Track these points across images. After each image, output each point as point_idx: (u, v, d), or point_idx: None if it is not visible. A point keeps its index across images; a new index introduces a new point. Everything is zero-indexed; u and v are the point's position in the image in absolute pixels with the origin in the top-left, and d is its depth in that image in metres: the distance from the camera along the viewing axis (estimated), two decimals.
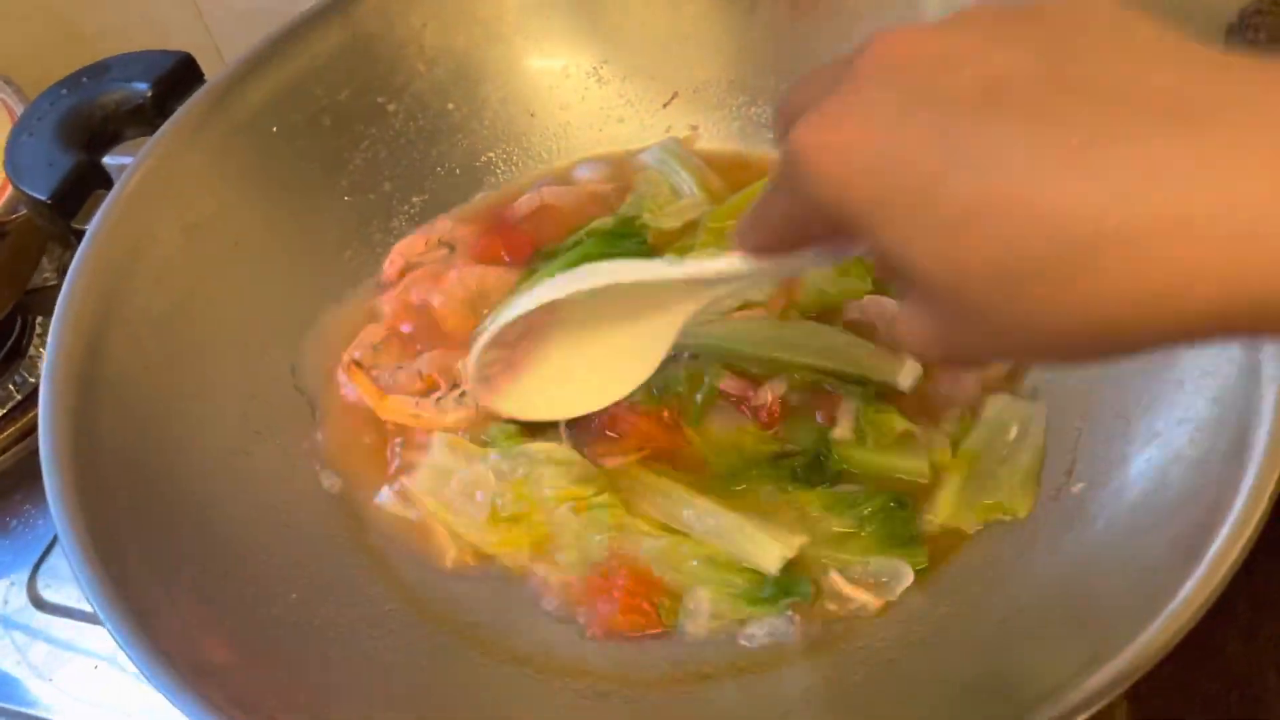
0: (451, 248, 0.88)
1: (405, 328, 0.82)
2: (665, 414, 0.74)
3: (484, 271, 0.85)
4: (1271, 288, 0.29)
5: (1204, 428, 0.61)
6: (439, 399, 0.79)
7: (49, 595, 0.85)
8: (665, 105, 0.95)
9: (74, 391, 0.67)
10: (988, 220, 0.33)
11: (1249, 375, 0.58)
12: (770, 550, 0.66)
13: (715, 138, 0.94)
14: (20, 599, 0.85)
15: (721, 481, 0.71)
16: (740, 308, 0.77)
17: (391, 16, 0.88)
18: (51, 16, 1.22)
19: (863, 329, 0.77)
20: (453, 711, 0.65)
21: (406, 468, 0.76)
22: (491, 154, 0.93)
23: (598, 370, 0.69)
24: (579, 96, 0.94)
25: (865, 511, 0.68)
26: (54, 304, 1.04)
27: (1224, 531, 0.54)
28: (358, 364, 0.81)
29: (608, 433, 0.74)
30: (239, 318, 0.79)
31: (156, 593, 0.59)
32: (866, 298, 0.77)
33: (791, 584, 0.66)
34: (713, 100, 0.94)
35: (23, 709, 0.79)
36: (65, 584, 0.85)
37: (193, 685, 0.53)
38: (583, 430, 0.74)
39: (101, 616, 0.55)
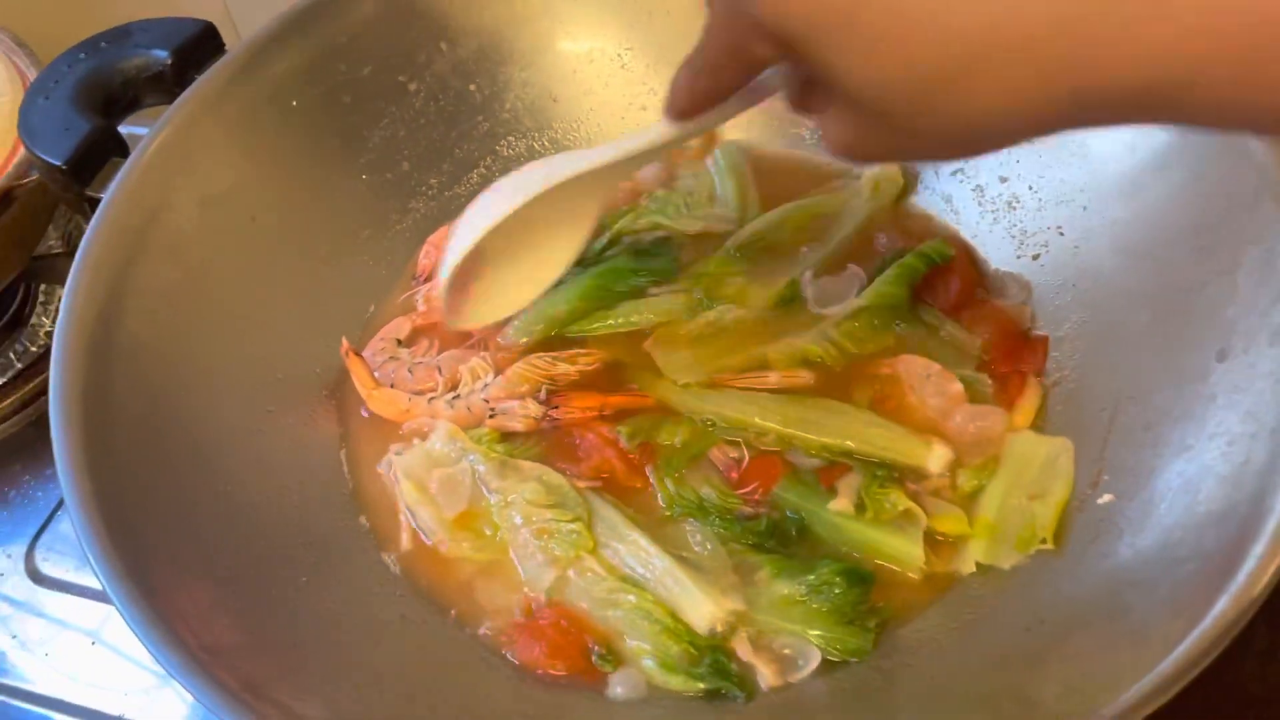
0: None
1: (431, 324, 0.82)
2: (634, 454, 0.73)
3: None
4: (1107, 77, 0.38)
5: (1236, 443, 0.60)
6: (431, 399, 0.78)
7: (47, 569, 0.83)
8: None
9: (85, 360, 0.66)
10: (901, 38, 0.40)
11: None
12: (703, 608, 0.65)
13: (734, 128, 0.92)
14: (17, 572, 0.83)
15: (669, 526, 0.70)
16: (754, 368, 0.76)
17: None
18: None
19: (891, 389, 0.75)
20: (458, 699, 0.64)
21: (405, 442, 0.76)
22: (512, 138, 0.92)
23: (534, 263, 0.72)
24: (603, 82, 0.93)
25: (813, 580, 0.66)
26: (59, 272, 1.04)
27: (1258, 550, 0.53)
28: (355, 353, 0.80)
29: (578, 452, 0.74)
30: (253, 295, 0.78)
31: (167, 570, 0.58)
32: (901, 357, 0.75)
33: (725, 668, 0.64)
34: None
35: (17, 684, 0.78)
36: (63, 558, 0.84)
37: (203, 666, 0.52)
38: (551, 443, 0.75)
39: (110, 594, 0.54)
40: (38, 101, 0.77)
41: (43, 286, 1.03)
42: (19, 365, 0.97)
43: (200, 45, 0.81)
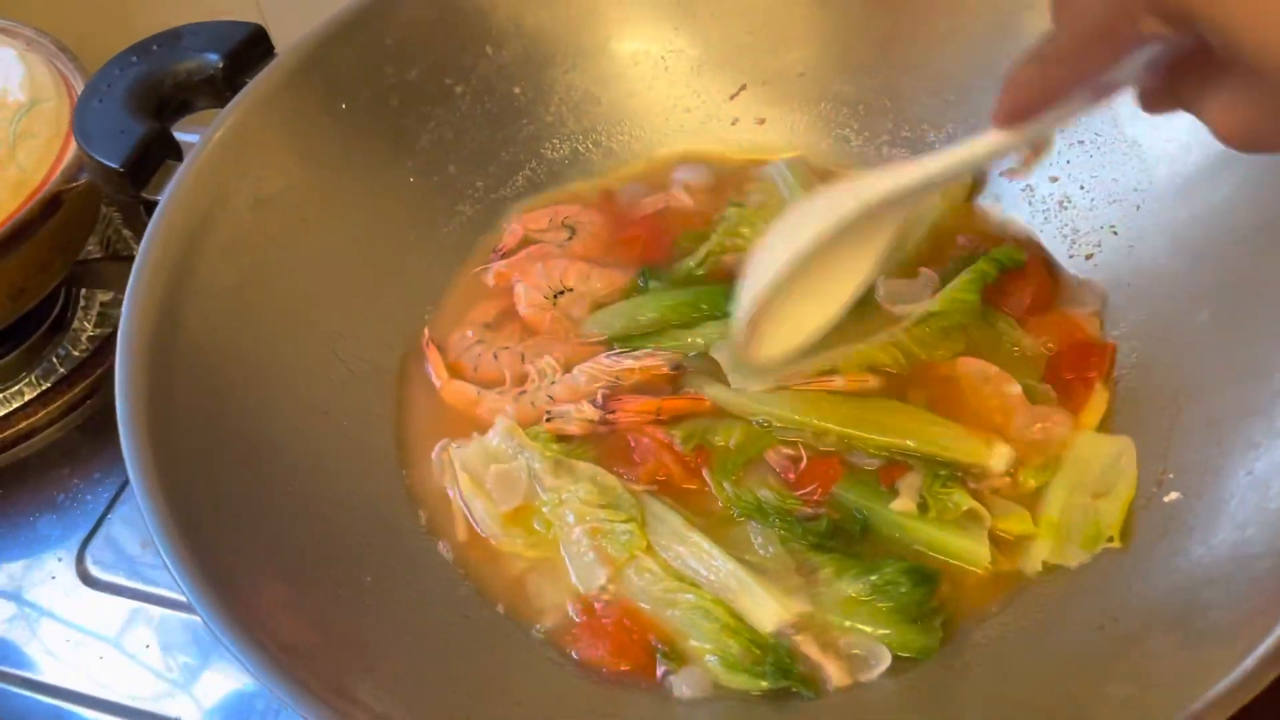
0: (573, 231, 0.88)
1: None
2: (689, 456, 0.73)
3: (567, 266, 0.84)
4: None
5: None
6: (500, 392, 0.79)
7: (97, 572, 0.83)
8: (732, 97, 0.94)
9: (147, 362, 0.65)
10: None
11: None
12: (769, 610, 0.65)
13: (782, 132, 0.93)
14: (69, 576, 0.83)
15: (729, 528, 0.70)
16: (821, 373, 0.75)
17: None
18: None
19: (949, 390, 0.75)
20: (527, 696, 0.64)
21: (461, 436, 0.76)
22: (556, 140, 0.92)
23: (823, 290, 0.66)
24: (646, 85, 0.93)
25: (877, 579, 0.66)
26: (100, 277, 1.04)
27: None
28: (432, 344, 0.82)
29: (633, 455, 0.74)
30: (306, 296, 0.78)
31: (240, 572, 0.58)
32: (959, 360, 0.75)
33: (789, 666, 0.64)
34: (780, 94, 0.93)
35: (73, 688, 0.78)
36: (114, 561, 0.84)
37: (285, 667, 0.52)
38: (607, 445, 0.75)
39: (191, 598, 0.54)
40: (92, 104, 0.77)
41: (83, 291, 1.03)
42: (62, 370, 0.98)
43: (250, 49, 0.81)
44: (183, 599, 0.78)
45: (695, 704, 0.64)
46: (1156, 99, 0.49)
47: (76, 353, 0.99)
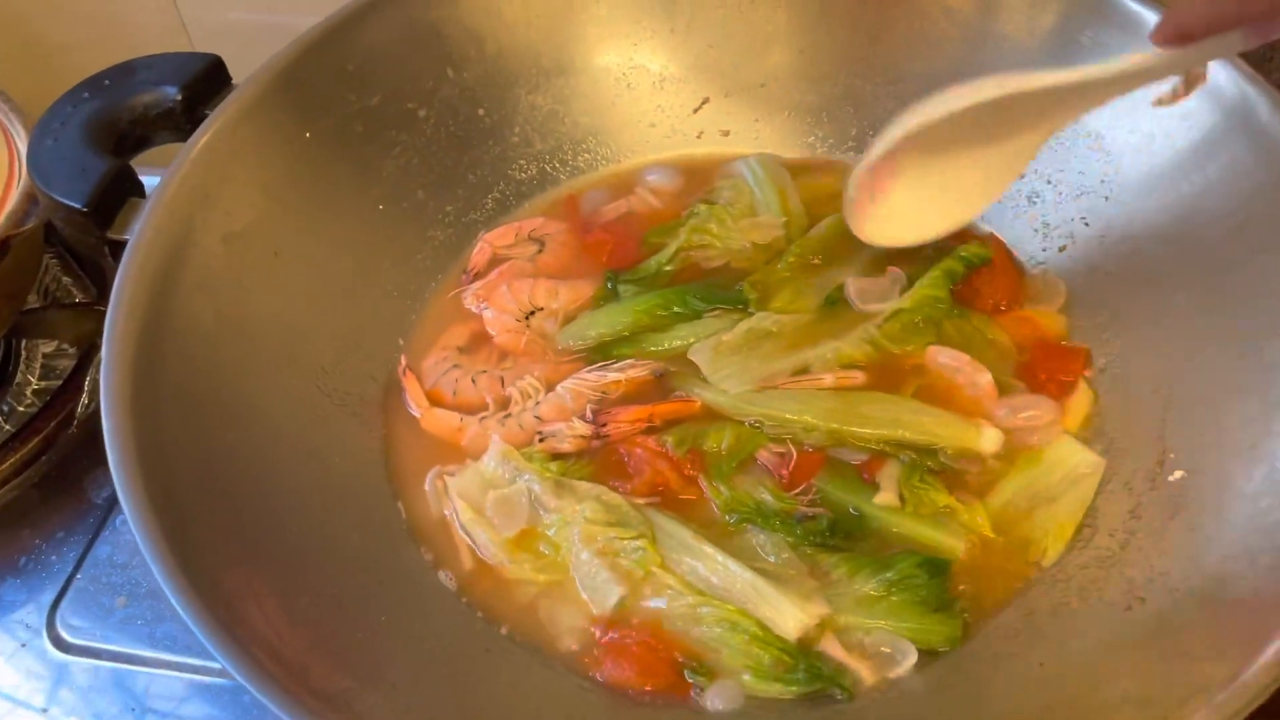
0: (541, 244, 0.86)
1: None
2: (686, 465, 0.73)
3: (533, 285, 0.83)
4: None
5: None
6: (483, 418, 0.77)
7: (70, 635, 0.78)
8: (696, 111, 0.94)
9: (133, 410, 0.62)
10: None
11: None
12: (791, 617, 0.65)
13: (747, 143, 0.93)
14: (41, 640, 0.78)
15: (733, 537, 0.70)
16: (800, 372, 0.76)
17: (417, 19, 0.85)
18: (11, 25, 1.15)
19: (929, 378, 0.76)
20: None
21: (454, 462, 0.75)
22: (523, 160, 0.91)
23: (949, 190, 0.67)
24: (609, 102, 0.93)
25: (893, 576, 0.66)
26: (44, 327, 0.99)
27: None
28: (410, 372, 0.80)
29: (627, 469, 0.73)
30: (285, 331, 0.75)
31: (260, 628, 0.55)
32: (928, 349, 0.77)
33: (821, 670, 0.64)
34: (743, 106, 0.93)
35: None
36: (88, 623, 0.79)
37: (323, 716, 0.49)
38: (601, 460, 0.74)
39: (226, 662, 0.51)
40: (46, 143, 0.73)
41: (24, 342, 0.98)
42: (9, 427, 0.92)
43: (209, 80, 0.79)
44: (166, 658, 0.77)
45: (728, 716, 0.64)
46: None
47: (22, 408, 0.94)
